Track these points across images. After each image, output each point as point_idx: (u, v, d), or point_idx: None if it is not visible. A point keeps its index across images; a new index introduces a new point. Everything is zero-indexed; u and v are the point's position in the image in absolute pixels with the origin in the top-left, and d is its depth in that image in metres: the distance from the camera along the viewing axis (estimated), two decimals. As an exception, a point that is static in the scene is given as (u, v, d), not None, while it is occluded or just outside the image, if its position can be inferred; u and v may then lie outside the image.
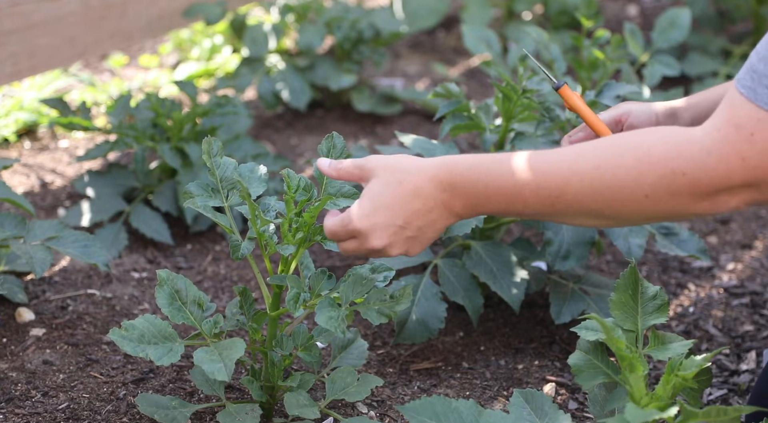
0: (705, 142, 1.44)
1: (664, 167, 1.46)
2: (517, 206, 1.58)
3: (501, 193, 1.58)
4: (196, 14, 3.06)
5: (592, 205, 1.53)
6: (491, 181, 1.58)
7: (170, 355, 1.67)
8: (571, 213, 1.56)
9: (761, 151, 1.42)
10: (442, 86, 2.15)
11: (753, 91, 1.42)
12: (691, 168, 1.45)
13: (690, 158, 1.45)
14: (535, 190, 1.55)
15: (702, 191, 1.46)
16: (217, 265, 2.41)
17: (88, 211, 2.49)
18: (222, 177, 1.78)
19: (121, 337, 1.67)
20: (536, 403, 1.67)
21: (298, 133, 3.10)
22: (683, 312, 2.28)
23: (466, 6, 3.65)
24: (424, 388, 1.99)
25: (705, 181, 1.45)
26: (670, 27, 2.88)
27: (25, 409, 1.87)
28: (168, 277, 1.76)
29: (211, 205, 1.76)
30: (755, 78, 1.42)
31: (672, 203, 1.48)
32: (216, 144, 1.78)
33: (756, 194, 1.46)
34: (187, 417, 1.76)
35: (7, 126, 2.90)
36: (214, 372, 1.62)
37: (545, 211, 1.57)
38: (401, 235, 1.62)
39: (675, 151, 1.46)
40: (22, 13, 2.55)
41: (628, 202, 1.50)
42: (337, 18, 3.19)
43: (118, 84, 3.28)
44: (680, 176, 1.45)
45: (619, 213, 1.53)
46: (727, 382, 2.05)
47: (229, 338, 1.73)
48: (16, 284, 2.18)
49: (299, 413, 1.74)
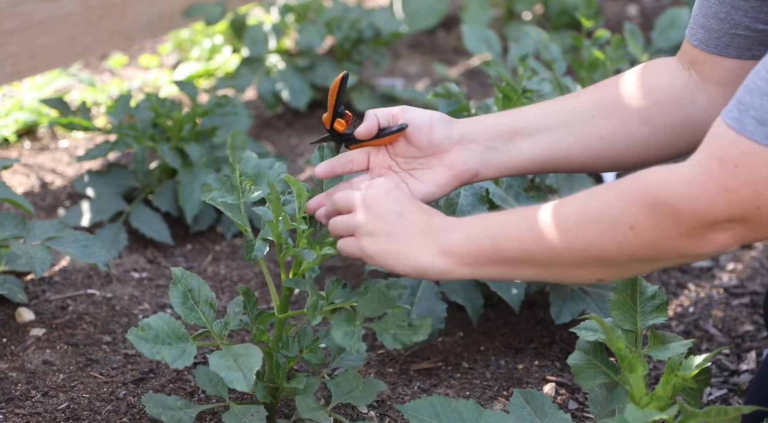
0: (687, 174, 1.43)
1: (649, 195, 1.45)
2: (504, 242, 1.56)
3: (495, 224, 1.57)
4: (196, 14, 3.06)
5: (577, 241, 1.51)
6: (483, 216, 1.61)
7: (184, 357, 1.66)
8: (558, 252, 1.53)
9: (745, 183, 1.40)
10: (442, 86, 2.15)
11: (739, 121, 1.41)
12: (674, 196, 1.43)
13: (672, 187, 1.43)
14: (525, 225, 1.55)
15: (687, 224, 1.43)
16: (217, 265, 2.41)
17: (88, 211, 2.49)
18: (242, 172, 1.78)
19: (138, 338, 1.66)
20: (536, 403, 1.67)
21: (298, 133, 3.10)
22: (683, 312, 2.28)
23: (466, 6, 3.65)
24: (424, 388, 1.99)
25: (688, 212, 1.42)
26: (670, 27, 2.88)
27: (25, 409, 1.87)
28: (182, 275, 1.75)
29: (227, 201, 1.75)
30: (742, 109, 1.41)
31: (657, 237, 1.46)
32: (241, 137, 1.78)
33: (746, 231, 1.44)
34: (192, 418, 1.76)
35: (7, 126, 2.90)
36: (233, 381, 1.61)
37: (531, 249, 1.55)
38: (391, 216, 1.60)
39: (661, 181, 1.45)
40: (22, 13, 2.55)
41: (614, 234, 1.48)
42: (337, 18, 3.19)
43: (118, 84, 3.28)
44: (663, 205, 1.44)
45: (605, 250, 1.50)
46: (727, 382, 2.05)
47: (240, 342, 1.71)
48: (16, 284, 2.18)
49: (311, 416, 1.74)
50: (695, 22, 1.75)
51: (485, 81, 3.46)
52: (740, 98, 1.42)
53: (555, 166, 1.81)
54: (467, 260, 1.58)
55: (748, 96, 1.41)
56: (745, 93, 1.42)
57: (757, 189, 1.40)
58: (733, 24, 1.70)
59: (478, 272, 1.60)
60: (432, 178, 1.76)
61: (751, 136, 1.39)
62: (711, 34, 1.73)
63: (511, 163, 1.78)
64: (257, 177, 1.78)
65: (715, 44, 1.73)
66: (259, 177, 1.79)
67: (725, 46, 1.72)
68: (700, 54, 1.76)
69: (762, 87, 1.40)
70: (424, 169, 1.77)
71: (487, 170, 1.77)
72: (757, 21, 1.68)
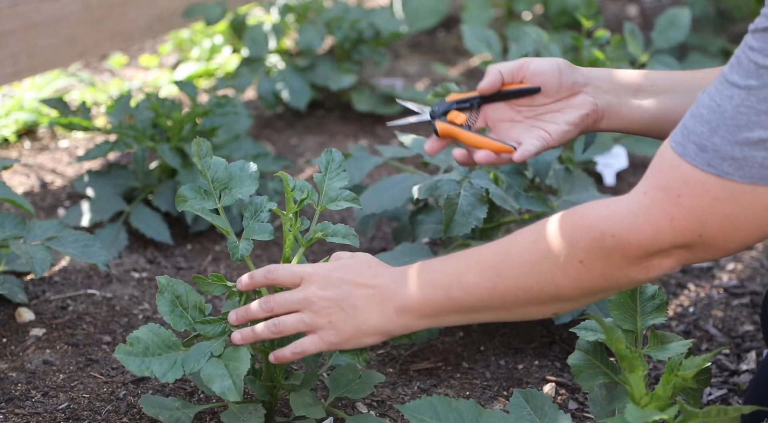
0: (632, 206, 1.46)
1: (595, 229, 1.48)
2: (459, 293, 1.59)
3: (447, 275, 1.60)
4: (196, 14, 3.06)
5: (531, 280, 1.54)
6: (440, 267, 1.62)
7: (174, 370, 1.66)
8: (513, 294, 1.56)
9: (688, 213, 1.43)
10: (442, 86, 2.15)
11: (683, 146, 1.43)
12: (620, 229, 1.46)
13: (618, 220, 1.47)
14: (477, 271, 1.57)
15: (633, 254, 1.47)
16: (218, 265, 2.41)
17: (88, 211, 2.49)
18: (213, 178, 1.78)
19: (126, 355, 1.66)
20: (536, 403, 1.67)
21: (298, 133, 3.10)
22: (683, 312, 2.28)
23: (466, 6, 3.65)
24: (424, 388, 1.99)
25: (634, 243, 1.46)
26: (670, 27, 2.88)
27: (25, 409, 1.87)
28: (168, 283, 1.75)
29: (206, 207, 1.76)
30: (685, 134, 1.44)
31: (606, 268, 1.49)
32: (205, 145, 1.78)
33: (688, 255, 1.47)
34: (191, 418, 1.76)
35: (7, 126, 2.90)
36: (225, 392, 1.63)
37: (487, 295, 1.58)
38: (338, 303, 1.63)
39: (605, 214, 1.48)
40: (22, 13, 2.55)
41: (566, 269, 1.51)
42: (337, 18, 3.19)
43: (118, 84, 3.28)
44: (609, 238, 1.47)
45: (559, 286, 1.53)
46: (727, 382, 2.05)
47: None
48: (16, 284, 2.18)
49: (306, 413, 1.74)
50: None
51: (485, 81, 3.45)
52: (685, 122, 1.45)
53: (672, 127, 1.83)
54: (425, 312, 1.63)
55: (691, 121, 1.44)
56: (690, 117, 1.44)
57: (700, 217, 1.43)
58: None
59: (438, 321, 1.65)
60: (564, 119, 1.77)
61: (692, 161, 1.42)
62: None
63: (633, 117, 1.79)
64: (230, 180, 1.79)
65: None
66: (231, 180, 1.79)
67: None
68: None
69: (704, 114, 1.42)
70: (554, 113, 1.78)
71: (610, 119, 1.79)
72: None
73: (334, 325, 1.64)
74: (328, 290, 1.64)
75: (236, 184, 1.78)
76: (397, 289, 1.63)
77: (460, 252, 1.64)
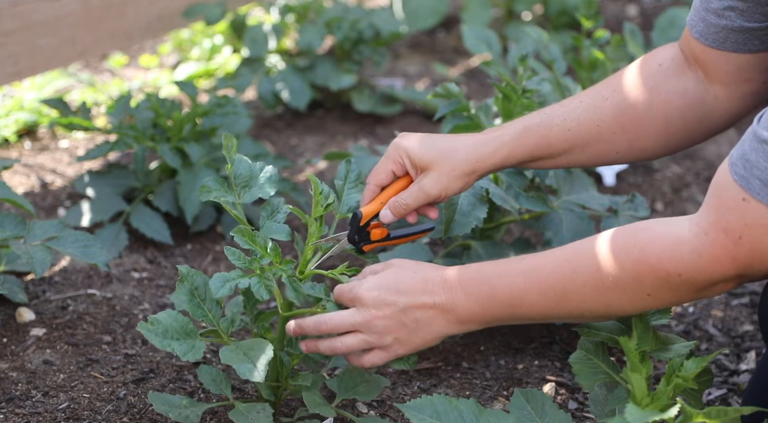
0: (695, 244, 1.53)
1: (660, 270, 1.55)
2: (522, 309, 1.67)
3: (507, 293, 1.67)
4: (196, 14, 3.06)
5: (598, 305, 1.63)
6: (498, 282, 1.68)
7: (194, 351, 1.68)
8: (579, 313, 1.65)
9: (749, 252, 1.50)
10: (442, 86, 2.15)
11: (747, 181, 1.47)
12: (686, 269, 1.53)
13: (682, 261, 1.53)
14: (540, 291, 1.64)
15: (699, 287, 1.55)
16: (218, 266, 2.41)
17: (88, 211, 2.49)
18: (237, 174, 1.80)
19: (148, 331, 1.67)
20: (536, 403, 1.68)
21: (298, 133, 3.10)
22: (683, 312, 2.28)
23: (466, 6, 3.65)
24: (424, 388, 1.99)
25: (701, 280, 1.54)
26: (670, 27, 2.88)
27: (25, 409, 1.87)
28: (188, 273, 1.77)
29: (228, 200, 1.77)
30: (748, 167, 1.47)
31: (674, 297, 1.59)
32: (233, 141, 1.81)
33: (744, 280, 1.56)
34: (199, 416, 1.76)
35: (7, 126, 2.90)
36: (246, 372, 1.63)
37: (552, 313, 1.66)
38: (398, 319, 1.70)
39: (668, 255, 1.54)
40: (22, 13, 2.55)
41: (633, 300, 1.60)
42: (337, 18, 3.19)
43: (118, 84, 3.28)
44: (676, 277, 1.54)
45: (626, 310, 1.63)
46: (727, 382, 2.05)
47: (249, 338, 1.73)
48: (16, 284, 2.18)
49: (319, 411, 1.75)
50: (696, 14, 1.78)
51: (485, 81, 3.46)
52: (746, 154, 1.47)
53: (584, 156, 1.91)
54: (486, 321, 1.72)
55: (753, 154, 1.46)
56: (751, 150, 1.46)
57: (762, 254, 1.50)
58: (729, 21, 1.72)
59: (497, 324, 1.74)
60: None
61: (758, 196, 1.46)
62: (709, 29, 1.76)
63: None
64: (250, 179, 1.80)
65: (713, 38, 1.76)
66: (251, 179, 1.80)
67: (722, 41, 1.75)
68: (699, 47, 1.79)
69: (766, 149, 1.44)
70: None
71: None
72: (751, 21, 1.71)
73: (400, 340, 1.72)
74: (384, 310, 1.70)
75: (255, 184, 1.80)
76: (457, 303, 1.69)
77: (513, 269, 1.68)
